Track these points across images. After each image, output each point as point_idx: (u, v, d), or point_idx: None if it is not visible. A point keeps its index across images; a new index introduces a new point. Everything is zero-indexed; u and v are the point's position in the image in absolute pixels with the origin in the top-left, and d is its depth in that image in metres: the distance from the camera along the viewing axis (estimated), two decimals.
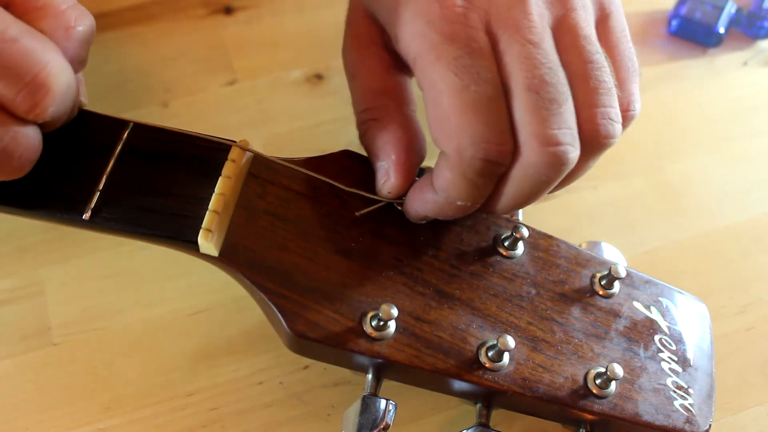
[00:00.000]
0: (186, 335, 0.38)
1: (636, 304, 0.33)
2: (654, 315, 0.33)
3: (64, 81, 0.27)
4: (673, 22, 0.50)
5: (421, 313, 0.30)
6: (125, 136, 0.30)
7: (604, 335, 0.32)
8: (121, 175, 0.30)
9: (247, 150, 0.31)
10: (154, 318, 0.38)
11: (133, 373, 0.37)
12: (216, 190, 0.29)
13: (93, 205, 0.29)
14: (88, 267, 0.40)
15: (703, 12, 0.50)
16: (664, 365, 0.32)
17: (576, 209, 0.44)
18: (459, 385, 0.30)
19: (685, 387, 0.32)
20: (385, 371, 0.31)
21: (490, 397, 0.31)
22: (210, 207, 0.29)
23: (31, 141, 0.27)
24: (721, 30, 0.49)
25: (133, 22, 0.49)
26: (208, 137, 0.31)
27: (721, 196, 0.45)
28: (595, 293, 0.33)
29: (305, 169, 0.31)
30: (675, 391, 0.32)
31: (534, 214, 0.43)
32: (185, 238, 0.29)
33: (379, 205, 0.32)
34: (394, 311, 0.29)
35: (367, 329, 0.29)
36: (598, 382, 0.30)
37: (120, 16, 0.49)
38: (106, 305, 0.39)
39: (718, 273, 0.42)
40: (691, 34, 0.50)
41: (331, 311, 0.29)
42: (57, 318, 0.38)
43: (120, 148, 0.30)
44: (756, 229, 0.44)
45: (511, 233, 0.32)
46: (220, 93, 0.46)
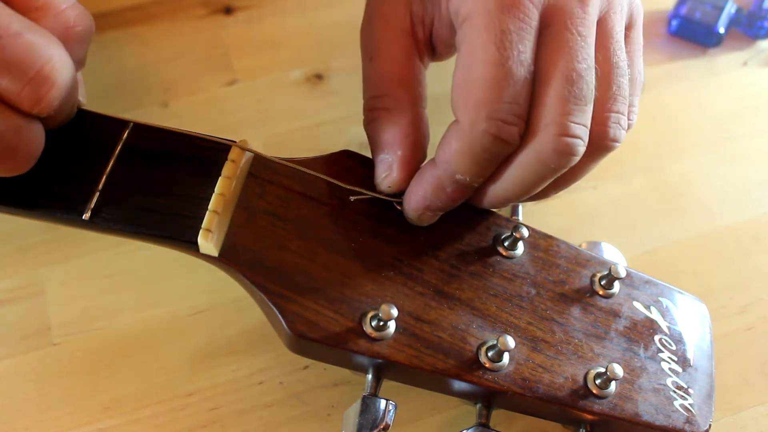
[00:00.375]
0: (186, 335, 0.38)
1: (636, 304, 0.33)
2: (654, 315, 0.33)
3: (67, 75, 0.27)
4: (673, 22, 0.51)
5: (421, 313, 0.30)
6: (125, 136, 0.30)
7: (604, 335, 0.32)
8: (121, 175, 0.30)
9: (247, 150, 0.31)
10: (154, 318, 0.38)
11: (133, 373, 0.37)
12: (216, 190, 0.30)
13: (93, 205, 0.29)
14: (88, 267, 0.40)
15: (703, 12, 0.50)
16: (664, 365, 0.32)
17: (576, 209, 0.44)
18: (459, 385, 0.30)
19: (685, 387, 0.32)
20: (385, 371, 0.31)
21: (490, 397, 0.31)
22: (210, 207, 0.29)
23: (35, 136, 0.27)
24: (721, 30, 0.49)
25: (133, 22, 0.49)
26: (208, 137, 0.31)
27: (721, 196, 0.45)
28: (595, 293, 0.33)
29: (305, 169, 0.31)
30: (675, 391, 0.32)
31: (534, 214, 0.43)
32: (185, 238, 0.29)
33: (378, 195, 0.32)
34: (394, 311, 0.29)
35: (367, 329, 0.29)
36: (598, 382, 0.30)
37: (120, 16, 0.49)
38: (106, 305, 0.39)
39: (718, 273, 0.42)
40: (691, 34, 0.50)
41: (330, 311, 0.29)
42: (57, 318, 0.38)
43: (120, 148, 0.30)
44: (756, 229, 0.44)
45: (511, 233, 0.32)
46: (220, 93, 0.46)
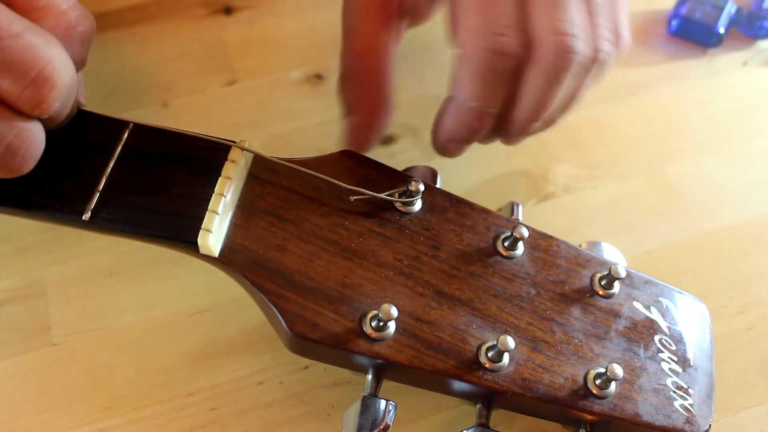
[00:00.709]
0: (186, 335, 0.38)
1: (636, 304, 0.33)
2: (654, 315, 0.33)
3: (68, 75, 0.27)
4: (673, 22, 0.50)
5: (421, 314, 0.30)
6: (125, 137, 0.30)
7: (604, 335, 0.32)
8: (121, 176, 0.30)
9: (247, 150, 0.31)
10: (154, 318, 0.38)
11: (133, 373, 0.37)
12: (216, 190, 0.29)
13: (93, 205, 0.29)
14: (88, 267, 0.40)
15: (703, 12, 0.50)
16: (664, 365, 0.32)
17: (576, 209, 0.44)
18: (459, 385, 0.30)
19: (685, 387, 0.32)
20: (385, 372, 0.31)
21: (490, 397, 0.31)
22: (210, 207, 0.29)
23: (35, 137, 0.27)
24: (721, 30, 0.49)
25: (133, 22, 0.49)
26: (208, 137, 0.31)
27: (721, 196, 0.45)
28: (595, 293, 0.33)
29: (305, 169, 0.31)
30: (675, 392, 0.32)
31: (534, 214, 0.43)
32: (185, 238, 0.29)
33: (378, 195, 0.32)
34: (394, 312, 0.29)
35: (367, 330, 0.29)
36: (598, 382, 0.30)
37: (120, 16, 0.49)
38: (106, 305, 0.39)
39: (718, 273, 0.42)
40: (691, 34, 0.50)
41: (330, 312, 0.29)
42: (57, 318, 0.38)
43: (120, 149, 0.30)
44: (756, 229, 0.44)
45: (511, 233, 0.32)
46: (220, 93, 0.46)
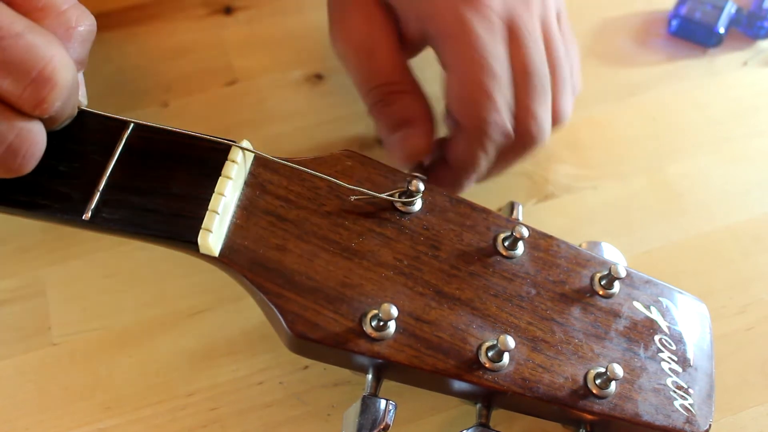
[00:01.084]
0: (186, 335, 0.38)
1: (636, 304, 0.33)
2: (654, 315, 0.33)
3: (69, 75, 0.27)
4: (673, 22, 0.51)
5: (421, 314, 0.30)
6: (125, 136, 0.30)
7: (604, 335, 0.32)
8: (121, 176, 0.30)
9: (247, 150, 0.31)
10: (154, 318, 0.39)
11: (133, 373, 0.37)
12: (216, 190, 0.29)
13: (93, 205, 0.29)
14: (88, 267, 0.40)
15: (703, 12, 0.50)
16: (664, 365, 0.32)
17: (576, 209, 0.44)
18: (459, 385, 0.30)
19: (685, 387, 0.32)
20: (385, 371, 0.31)
21: (490, 397, 0.31)
22: (210, 207, 0.29)
23: (36, 137, 0.27)
24: (721, 30, 0.49)
25: (133, 22, 0.49)
26: (208, 137, 0.31)
27: (721, 196, 0.45)
28: (595, 293, 0.33)
29: (305, 169, 0.31)
30: (675, 391, 0.32)
31: (534, 214, 0.43)
32: (185, 238, 0.29)
33: (378, 195, 0.32)
34: (394, 311, 0.29)
35: (367, 329, 0.29)
36: (598, 382, 0.30)
37: (120, 16, 0.49)
38: (106, 305, 0.39)
39: (718, 273, 0.42)
40: (691, 34, 0.50)
41: (331, 311, 0.29)
42: (57, 318, 0.38)
43: (120, 149, 0.30)
44: (756, 229, 0.44)
45: (511, 233, 0.32)
46: (220, 93, 0.46)
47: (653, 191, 0.45)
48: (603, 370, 0.31)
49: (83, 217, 0.29)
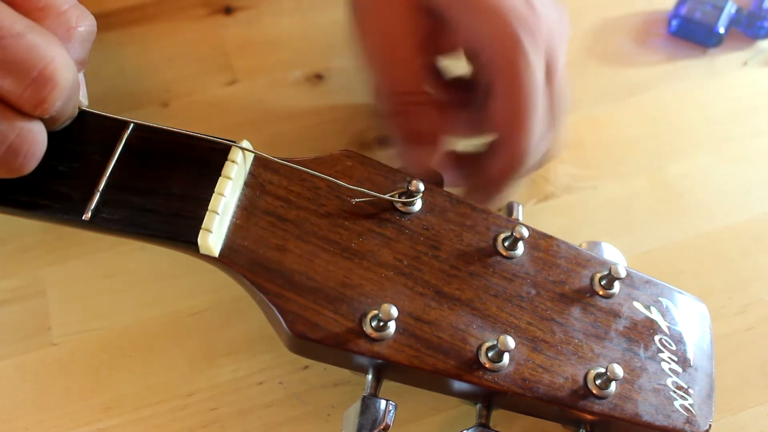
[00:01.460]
0: (186, 335, 0.38)
1: (636, 304, 0.33)
2: (654, 315, 0.33)
3: (70, 75, 0.27)
4: (673, 22, 0.50)
5: (421, 314, 0.30)
6: (125, 136, 0.30)
7: (604, 335, 0.32)
8: (121, 176, 0.30)
9: (247, 150, 0.31)
10: (154, 318, 0.39)
11: (133, 372, 0.37)
12: (216, 190, 0.29)
13: (93, 205, 0.29)
14: (88, 267, 0.40)
15: (703, 12, 0.50)
16: (664, 365, 0.32)
17: (576, 209, 0.44)
18: (459, 385, 0.30)
19: (685, 387, 0.32)
20: (385, 371, 0.31)
21: (490, 397, 0.31)
22: (210, 207, 0.29)
23: (37, 137, 0.27)
24: (721, 30, 0.49)
25: (133, 22, 0.49)
26: (208, 137, 0.31)
27: (721, 196, 0.45)
28: (595, 293, 0.33)
29: (305, 169, 0.31)
30: (675, 392, 0.32)
31: (534, 214, 0.43)
32: (185, 238, 0.29)
33: (380, 195, 0.32)
34: (394, 311, 0.29)
35: (367, 330, 0.29)
36: (598, 382, 0.30)
37: (120, 16, 0.49)
38: (106, 305, 0.39)
39: (718, 273, 0.42)
40: (691, 34, 0.50)
41: (330, 312, 0.29)
42: (57, 318, 0.38)
43: (120, 149, 0.30)
44: (756, 229, 0.44)
45: (511, 233, 0.32)
46: (220, 93, 0.46)
47: (653, 191, 0.45)
48: (603, 370, 0.31)
49: (83, 217, 0.29)
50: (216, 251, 0.29)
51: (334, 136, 0.45)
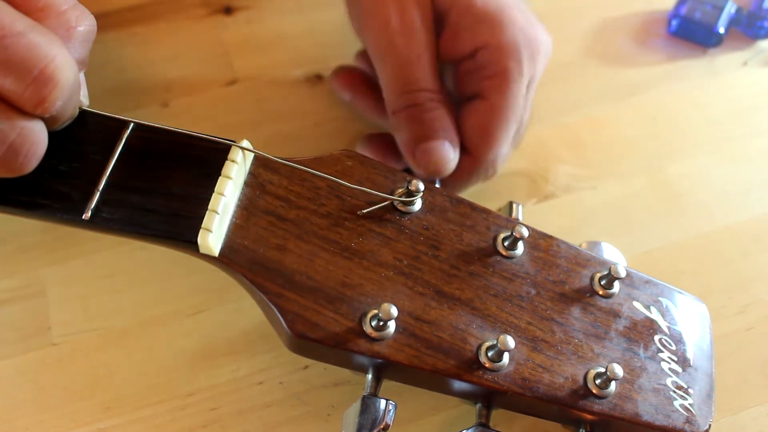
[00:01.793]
0: (186, 335, 0.38)
1: (636, 304, 0.33)
2: (654, 315, 0.33)
3: (70, 74, 0.27)
4: (673, 22, 0.51)
5: (421, 313, 0.30)
6: (125, 136, 0.30)
7: (604, 335, 0.32)
8: (121, 175, 0.30)
9: (247, 150, 0.31)
10: (154, 318, 0.39)
11: (133, 373, 0.37)
12: (216, 189, 0.29)
13: (93, 205, 0.29)
14: (88, 267, 0.40)
15: (703, 12, 0.50)
16: (664, 365, 0.32)
17: (576, 209, 0.44)
18: (459, 385, 0.30)
19: (685, 387, 0.32)
20: (385, 371, 0.31)
21: (490, 397, 0.31)
22: (210, 207, 0.29)
23: (38, 137, 0.27)
24: (721, 30, 0.49)
25: (133, 22, 0.49)
26: (208, 137, 0.31)
27: (721, 196, 0.45)
28: (595, 293, 0.33)
29: (305, 169, 0.31)
30: (675, 391, 0.32)
31: (534, 214, 0.43)
32: (185, 238, 0.29)
33: (383, 204, 0.32)
34: (394, 311, 0.29)
35: (367, 329, 0.29)
36: (598, 382, 0.30)
37: (120, 16, 0.49)
38: (106, 305, 0.39)
39: (718, 273, 0.42)
40: (691, 34, 0.50)
41: (330, 311, 0.29)
42: (57, 318, 0.38)
43: (120, 148, 0.30)
44: (756, 229, 0.44)
45: (511, 233, 0.32)
46: (220, 93, 0.46)
47: (653, 191, 0.45)
48: (603, 370, 0.31)
49: (83, 217, 0.29)
50: (216, 251, 0.29)
51: (334, 136, 0.45)
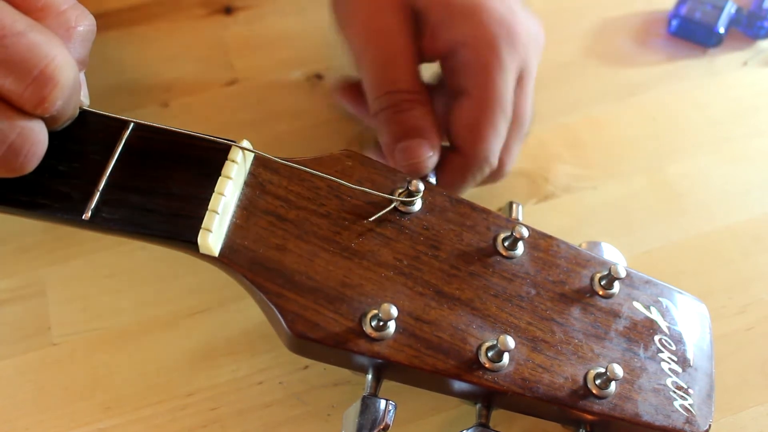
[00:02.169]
0: (186, 335, 0.38)
1: (636, 305, 0.33)
2: (654, 315, 0.33)
3: (70, 74, 0.27)
4: (673, 22, 0.51)
5: (421, 314, 0.30)
6: (126, 136, 0.30)
7: (603, 335, 0.32)
8: (121, 175, 0.30)
9: (247, 150, 0.31)
10: (154, 318, 0.39)
11: (133, 373, 0.37)
12: (216, 189, 0.29)
13: (93, 205, 0.29)
14: (88, 267, 0.40)
15: (703, 12, 0.50)
16: (664, 365, 0.32)
17: (576, 209, 0.44)
18: (459, 385, 0.30)
19: (685, 387, 0.32)
20: (385, 371, 0.31)
21: (490, 397, 0.31)
22: (209, 207, 0.29)
23: (38, 137, 0.27)
24: (721, 30, 0.49)
25: (133, 22, 0.49)
26: (208, 137, 0.31)
27: (721, 196, 0.45)
28: (595, 293, 0.33)
29: (305, 169, 0.31)
30: (675, 392, 0.32)
31: (534, 214, 0.43)
32: (185, 238, 0.29)
33: (389, 208, 0.32)
34: (394, 311, 0.29)
35: (367, 329, 0.29)
36: (598, 382, 0.30)
37: (120, 16, 0.49)
38: (106, 305, 0.39)
39: (718, 273, 0.42)
40: (691, 34, 0.50)
41: (330, 311, 0.29)
42: (57, 318, 0.38)
43: (120, 148, 0.30)
44: (756, 229, 0.44)
45: (511, 233, 0.32)
46: (220, 93, 0.46)
47: (653, 191, 0.45)
48: (603, 370, 0.31)
49: (83, 217, 0.29)
50: (216, 251, 0.29)
51: (334, 136, 0.45)
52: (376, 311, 0.29)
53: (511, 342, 0.29)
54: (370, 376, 0.31)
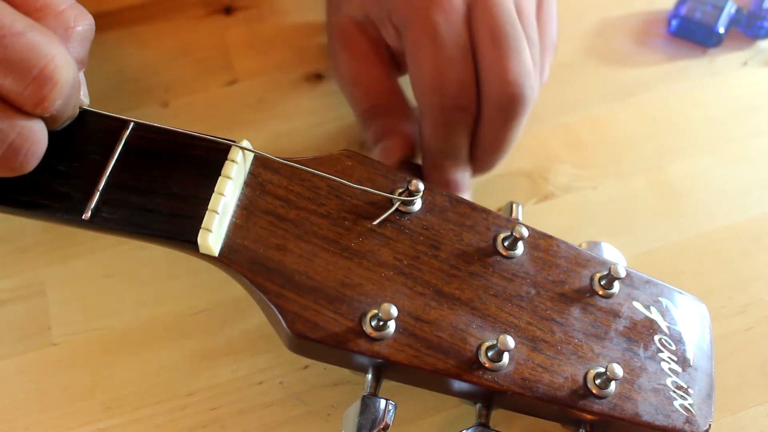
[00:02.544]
0: (186, 335, 0.38)
1: (636, 304, 0.33)
2: (654, 315, 0.33)
3: (70, 74, 0.27)
4: (673, 22, 0.51)
5: (420, 313, 0.30)
6: (126, 136, 0.30)
7: (603, 335, 0.32)
8: (121, 175, 0.30)
9: (247, 150, 0.31)
10: (154, 318, 0.39)
11: (133, 373, 0.37)
12: (215, 189, 0.30)
13: (93, 205, 0.29)
14: (88, 267, 0.40)
15: (703, 12, 0.50)
16: (664, 365, 0.32)
17: (576, 209, 0.44)
18: (459, 385, 0.30)
19: (685, 387, 0.32)
20: (385, 371, 0.31)
21: (490, 397, 0.31)
22: (209, 207, 0.29)
23: (38, 136, 0.27)
24: (721, 30, 0.49)
25: (133, 22, 0.49)
26: (208, 137, 0.31)
27: (721, 196, 0.45)
28: (594, 293, 0.33)
29: (306, 169, 0.32)
30: (675, 391, 0.32)
31: (534, 214, 0.43)
32: (184, 238, 0.29)
33: (392, 210, 0.32)
34: (394, 311, 0.29)
35: (367, 329, 0.29)
36: (598, 382, 0.30)
37: (120, 16, 0.49)
38: (106, 305, 0.39)
39: (718, 273, 0.42)
40: (691, 34, 0.50)
41: (330, 311, 0.29)
42: (57, 318, 0.38)
43: (120, 148, 0.30)
44: (756, 229, 0.44)
45: (511, 233, 0.32)
46: (220, 93, 0.46)
47: (653, 191, 0.45)
48: (603, 370, 0.31)
49: (83, 217, 0.29)
50: (216, 251, 0.29)
51: (334, 136, 0.45)
52: (376, 311, 0.29)
53: (510, 342, 0.29)
54: (369, 376, 0.31)
